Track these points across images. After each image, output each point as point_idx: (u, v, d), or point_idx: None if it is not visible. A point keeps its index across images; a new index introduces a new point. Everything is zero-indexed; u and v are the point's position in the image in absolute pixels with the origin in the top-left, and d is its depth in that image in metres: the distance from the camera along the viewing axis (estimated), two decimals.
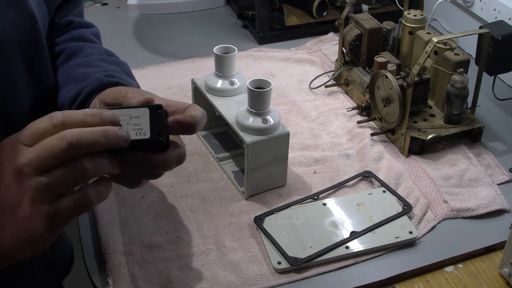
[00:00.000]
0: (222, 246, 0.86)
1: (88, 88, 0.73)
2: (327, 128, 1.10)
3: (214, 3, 1.60)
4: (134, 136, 0.59)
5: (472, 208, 0.92)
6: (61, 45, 0.82)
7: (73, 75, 0.77)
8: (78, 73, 0.76)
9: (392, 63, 1.09)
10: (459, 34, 1.01)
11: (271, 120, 0.90)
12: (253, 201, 0.94)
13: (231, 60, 0.98)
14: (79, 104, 0.73)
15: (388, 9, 1.51)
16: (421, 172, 0.99)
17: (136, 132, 0.59)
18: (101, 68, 0.77)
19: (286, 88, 1.22)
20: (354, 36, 1.15)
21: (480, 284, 0.82)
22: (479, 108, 1.09)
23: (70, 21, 0.86)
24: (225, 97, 0.99)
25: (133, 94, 0.65)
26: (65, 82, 0.77)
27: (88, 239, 0.89)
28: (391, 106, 1.02)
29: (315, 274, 0.82)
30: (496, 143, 1.08)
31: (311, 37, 1.43)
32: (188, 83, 1.09)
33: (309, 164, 1.02)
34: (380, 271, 0.83)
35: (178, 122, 0.62)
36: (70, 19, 0.86)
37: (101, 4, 1.61)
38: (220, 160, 1.02)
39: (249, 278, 0.81)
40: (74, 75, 0.77)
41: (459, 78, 1.00)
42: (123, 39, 1.43)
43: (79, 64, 0.78)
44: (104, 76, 0.74)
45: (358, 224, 0.89)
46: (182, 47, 1.40)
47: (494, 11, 1.23)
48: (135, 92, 0.65)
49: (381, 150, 1.04)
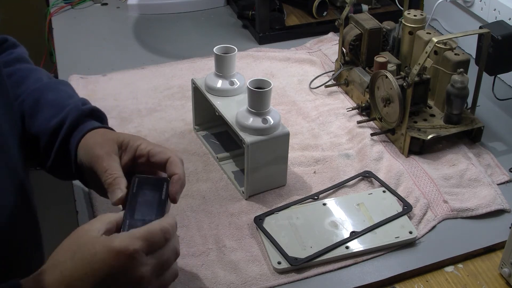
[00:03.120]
0: (222, 246, 0.86)
1: (70, 118, 0.77)
2: (327, 128, 1.10)
3: (214, 3, 1.60)
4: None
5: (472, 208, 0.92)
6: (9, 67, 0.83)
7: (43, 101, 0.79)
8: (49, 99, 0.80)
9: (392, 63, 1.09)
10: (459, 34, 1.01)
11: (271, 120, 0.90)
12: (253, 201, 0.94)
13: (231, 60, 0.98)
14: (64, 135, 0.77)
15: (388, 9, 1.51)
16: (421, 172, 0.99)
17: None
18: (63, 92, 0.82)
19: (286, 88, 1.22)
20: (354, 36, 1.15)
21: (480, 284, 0.82)
22: (479, 108, 1.09)
23: (5, 39, 0.87)
24: (225, 97, 0.99)
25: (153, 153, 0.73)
26: (36, 107, 0.79)
27: None
28: (391, 106, 1.02)
29: (315, 274, 0.82)
30: (496, 143, 1.08)
31: (311, 37, 1.42)
32: (188, 83, 1.09)
33: (309, 164, 1.02)
34: (380, 271, 0.83)
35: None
36: (3, 37, 0.86)
37: (101, 4, 1.61)
38: (220, 160, 1.02)
39: (249, 278, 0.81)
40: (44, 101, 0.79)
41: (459, 78, 1.00)
42: (123, 39, 1.43)
43: (42, 89, 0.81)
44: (81, 105, 0.79)
45: (358, 224, 0.89)
46: (182, 47, 1.40)
47: (494, 11, 1.23)
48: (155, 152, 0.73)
49: (381, 150, 1.04)
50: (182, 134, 1.09)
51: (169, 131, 1.09)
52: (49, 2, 1.58)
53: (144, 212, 0.66)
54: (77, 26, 1.50)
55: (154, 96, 1.18)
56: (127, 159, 0.74)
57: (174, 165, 0.71)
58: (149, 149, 0.73)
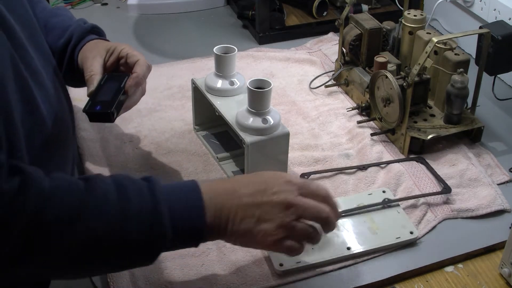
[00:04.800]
0: (222, 246, 0.86)
1: (76, 35, 0.91)
2: (327, 128, 1.10)
3: (214, 3, 1.60)
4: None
5: (472, 209, 0.92)
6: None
7: (49, 25, 0.92)
8: (54, 23, 0.93)
9: (392, 63, 1.09)
10: (459, 34, 1.01)
11: (271, 120, 0.90)
12: None
13: (231, 60, 0.98)
14: (71, 49, 0.91)
15: (388, 9, 1.51)
16: (421, 172, 0.99)
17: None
18: (64, 16, 0.95)
19: (286, 88, 1.22)
20: (354, 36, 1.15)
21: (480, 284, 0.82)
22: (479, 108, 1.09)
23: None
24: (225, 97, 0.99)
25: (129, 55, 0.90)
26: (46, 29, 0.91)
27: None
28: (391, 106, 1.02)
29: (315, 274, 0.82)
30: (496, 143, 1.08)
31: (311, 37, 1.43)
32: (188, 83, 1.09)
33: (309, 164, 1.02)
34: (380, 271, 0.83)
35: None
36: None
37: (101, 4, 1.61)
38: (220, 160, 1.02)
39: (249, 278, 0.81)
40: (51, 25, 0.92)
41: (459, 78, 1.00)
42: (123, 39, 1.42)
43: (47, 16, 0.93)
44: (83, 23, 0.94)
45: (359, 224, 0.89)
46: (182, 47, 1.40)
47: (494, 11, 1.23)
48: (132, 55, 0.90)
49: (381, 150, 1.04)
50: (182, 134, 1.09)
51: (169, 131, 1.09)
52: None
53: (103, 95, 0.84)
54: None
55: (154, 96, 1.18)
56: (112, 60, 0.90)
57: (138, 66, 0.88)
58: (128, 52, 0.90)
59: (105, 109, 0.82)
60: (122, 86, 0.86)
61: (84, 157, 1.02)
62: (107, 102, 0.83)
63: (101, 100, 0.83)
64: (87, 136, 1.07)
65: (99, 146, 1.05)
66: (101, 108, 0.82)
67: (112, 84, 0.86)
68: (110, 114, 0.82)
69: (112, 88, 0.86)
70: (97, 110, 0.82)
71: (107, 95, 0.84)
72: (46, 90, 0.74)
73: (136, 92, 0.89)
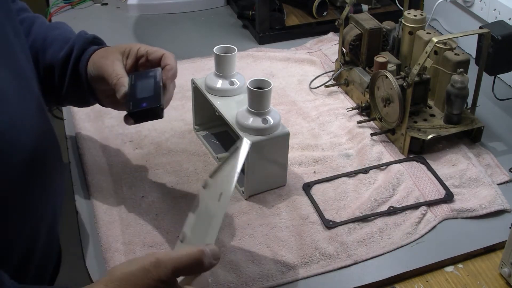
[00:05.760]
0: (222, 246, 0.86)
1: (77, 46, 0.89)
2: (327, 128, 1.10)
3: (214, 3, 1.60)
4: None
5: (472, 209, 0.92)
6: (17, 16, 0.89)
7: (50, 38, 0.91)
8: (55, 35, 0.91)
9: (392, 63, 1.09)
10: (459, 34, 1.01)
11: (271, 120, 0.91)
12: (253, 201, 0.94)
13: (231, 60, 0.98)
14: (74, 60, 0.88)
15: (388, 9, 1.51)
16: (421, 172, 0.99)
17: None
18: (65, 29, 0.94)
19: (286, 88, 1.22)
20: (354, 36, 1.15)
21: (480, 284, 0.82)
22: (479, 108, 1.09)
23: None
24: (225, 97, 0.99)
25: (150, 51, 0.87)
26: (45, 43, 0.90)
27: (88, 239, 0.89)
28: (391, 106, 1.02)
29: (315, 274, 0.83)
30: (496, 143, 1.08)
31: (311, 37, 1.43)
32: (188, 83, 1.09)
33: (309, 164, 1.02)
34: (380, 271, 0.83)
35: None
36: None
37: (101, 4, 1.61)
38: (220, 160, 1.02)
39: (249, 278, 0.81)
40: (52, 37, 0.91)
41: (459, 78, 1.00)
42: (123, 39, 1.43)
43: (47, 29, 0.92)
44: (84, 34, 0.92)
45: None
46: (182, 47, 1.40)
47: (494, 11, 1.23)
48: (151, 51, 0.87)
49: (381, 150, 1.04)
50: (182, 134, 1.09)
51: (169, 131, 1.09)
52: (49, 2, 1.58)
53: (142, 92, 0.80)
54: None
55: None
56: (130, 63, 0.87)
57: (167, 58, 0.86)
58: (147, 49, 0.87)
59: (153, 104, 0.78)
60: (158, 80, 0.82)
61: (84, 157, 1.02)
62: (152, 97, 0.79)
63: (143, 97, 0.79)
64: (87, 136, 1.07)
65: (99, 146, 1.05)
66: (148, 105, 0.78)
67: (145, 81, 0.82)
68: (159, 109, 0.78)
69: (148, 84, 0.82)
70: (144, 107, 0.78)
71: (147, 92, 0.80)
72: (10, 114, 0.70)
73: (171, 85, 0.87)
